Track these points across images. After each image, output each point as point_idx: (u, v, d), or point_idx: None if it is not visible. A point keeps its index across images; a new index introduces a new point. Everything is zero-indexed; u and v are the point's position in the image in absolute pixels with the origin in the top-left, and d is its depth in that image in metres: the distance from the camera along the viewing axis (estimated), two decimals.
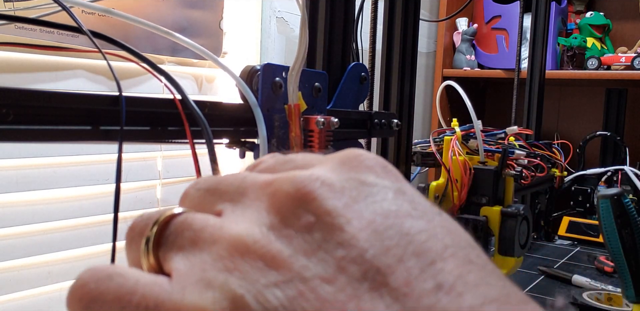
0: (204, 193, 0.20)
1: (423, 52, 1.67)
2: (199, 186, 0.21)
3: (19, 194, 0.77)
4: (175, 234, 0.18)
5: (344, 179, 0.18)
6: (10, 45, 0.48)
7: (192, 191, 0.21)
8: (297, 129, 0.39)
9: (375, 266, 0.15)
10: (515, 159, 0.75)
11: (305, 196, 0.17)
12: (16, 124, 0.27)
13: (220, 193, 0.20)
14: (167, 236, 0.18)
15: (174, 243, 0.18)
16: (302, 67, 0.39)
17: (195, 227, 0.18)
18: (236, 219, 0.18)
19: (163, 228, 0.18)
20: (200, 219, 0.18)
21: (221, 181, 0.20)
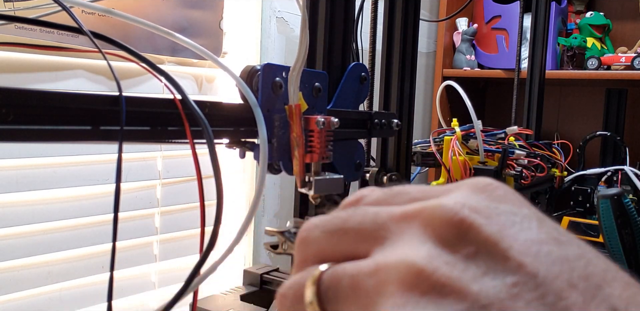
0: (331, 235, 0.19)
1: (423, 52, 1.67)
2: (320, 229, 0.20)
3: (19, 194, 0.77)
4: (335, 289, 0.18)
5: (486, 207, 0.18)
6: (10, 45, 0.48)
7: (314, 234, 0.20)
8: (298, 130, 0.39)
9: (552, 291, 0.15)
10: (515, 159, 0.75)
11: (461, 224, 0.17)
12: (16, 124, 0.27)
13: (354, 233, 0.19)
14: (326, 293, 0.18)
15: (338, 297, 0.18)
16: (303, 67, 0.39)
17: (350, 274, 0.18)
18: (391, 256, 0.17)
19: (319, 286, 0.18)
20: (350, 266, 0.18)
21: (346, 220, 0.19)
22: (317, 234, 0.20)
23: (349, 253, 0.19)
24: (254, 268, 0.91)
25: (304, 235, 0.20)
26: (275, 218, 1.17)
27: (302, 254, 0.20)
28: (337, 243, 0.19)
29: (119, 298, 0.91)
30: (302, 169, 0.39)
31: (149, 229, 0.94)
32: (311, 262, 0.20)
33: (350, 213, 0.19)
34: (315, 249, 0.20)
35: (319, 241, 0.20)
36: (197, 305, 0.55)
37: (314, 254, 0.20)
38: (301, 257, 0.20)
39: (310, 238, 0.20)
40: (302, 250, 0.20)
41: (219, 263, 0.31)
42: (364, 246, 0.18)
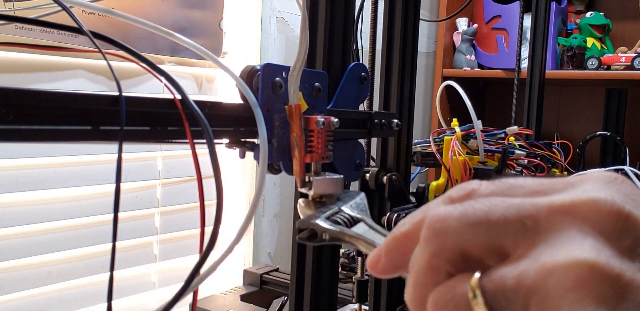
0: (474, 227, 0.19)
1: (423, 52, 1.67)
2: (459, 220, 0.19)
3: (19, 194, 0.77)
4: (504, 296, 0.18)
5: (630, 199, 0.18)
6: (10, 45, 0.48)
7: (452, 225, 0.19)
8: (298, 130, 0.39)
9: None
10: (516, 159, 0.75)
11: (619, 216, 0.17)
12: (16, 124, 0.27)
13: (500, 226, 0.18)
14: (494, 301, 0.18)
15: (511, 303, 0.17)
16: (303, 67, 0.39)
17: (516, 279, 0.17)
18: (557, 255, 0.17)
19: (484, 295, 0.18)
20: (511, 271, 0.18)
21: (489, 212, 0.18)
22: (456, 225, 0.19)
23: (495, 247, 0.18)
24: (254, 268, 0.91)
25: (438, 226, 0.19)
26: (275, 218, 1.17)
27: (437, 245, 0.19)
28: (481, 234, 0.18)
29: (119, 298, 0.91)
30: (302, 169, 0.39)
31: (149, 229, 0.94)
32: (450, 255, 0.19)
33: (489, 204, 0.19)
34: (455, 241, 0.19)
35: (460, 233, 0.19)
36: (197, 305, 0.55)
37: (454, 246, 0.19)
38: (436, 248, 0.19)
39: (448, 228, 0.19)
40: (438, 241, 0.19)
41: (219, 263, 0.31)
42: (512, 240, 0.18)
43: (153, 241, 0.95)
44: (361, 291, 0.61)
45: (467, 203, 0.19)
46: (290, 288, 0.52)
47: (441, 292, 0.19)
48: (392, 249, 0.23)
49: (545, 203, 0.18)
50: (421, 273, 0.20)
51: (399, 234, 0.23)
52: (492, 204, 0.19)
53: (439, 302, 0.19)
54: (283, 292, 0.84)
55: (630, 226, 0.17)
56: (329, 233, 0.32)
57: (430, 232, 0.20)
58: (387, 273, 0.23)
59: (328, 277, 0.52)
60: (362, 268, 0.62)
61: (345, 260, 0.81)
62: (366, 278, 0.61)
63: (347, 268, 0.82)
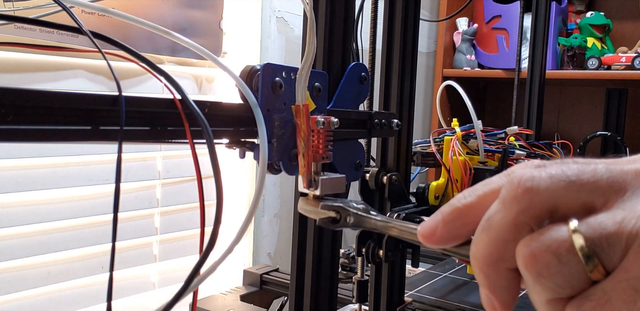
0: (567, 185, 0.20)
1: (423, 52, 1.67)
2: (552, 179, 0.20)
3: (19, 194, 0.77)
4: (607, 241, 0.19)
5: None
6: (10, 45, 0.48)
7: (545, 183, 0.20)
8: (306, 129, 0.39)
9: None
10: (516, 159, 0.75)
11: None
12: (16, 124, 0.27)
13: (591, 185, 0.20)
14: (600, 245, 0.19)
15: (616, 249, 0.19)
16: (311, 67, 0.39)
17: (613, 224, 0.19)
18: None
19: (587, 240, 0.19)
20: (605, 218, 0.19)
21: (580, 174, 0.20)
22: (549, 183, 0.20)
23: (586, 204, 0.20)
24: (254, 268, 0.91)
25: (529, 184, 0.20)
26: (275, 218, 1.17)
27: (528, 203, 0.20)
28: (574, 193, 0.20)
29: (119, 298, 0.91)
30: (310, 170, 0.39)
31: (149, 230, 0.94)
32: (540, 211, 0.20)
33: (577, 166, 0.20)
34: (547, 198, 0.20)
35: (553, 191, 0.20)
36: (197, 305, 0.55)
37: (545, 202, 0.20)
38: (526, 206, 0.21)
39: (541, 187, 0.20)
40: (530, 199, 0.20)
41: (219, 263, 0.31)
42: (602, 198, 0.20)
43: (153, 241, 0.95)
44: (361, 291, 0.61)
45: (555, 166, 0.21)
46: (290, 288, 0.52)
47: (539, 239, 0.20)
48: (452, 220, 0.24)
49: (631, 168, 0.20)
50: (504, 229, 0.21)
51: (461, 206, 0.24)
52: (582, 167, 0.20)
53: (539, 247, 0.20)
54: (283, 292, 0.84)
55: None
56: (354, 217, 0.32)
57: (521, 190, 0.21)
58: (444, 243, 0.25)
59: (328, 277, 0.52)
60: (362, 268, 0.62)
61: (345, 260, 0.81)
62: (366, 278, 0.61)
63: (347, 268, 0.82)
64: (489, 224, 0.22)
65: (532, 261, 0.20)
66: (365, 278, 0.61)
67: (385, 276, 0.62)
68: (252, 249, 1.13)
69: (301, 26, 0.50)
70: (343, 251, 0.81)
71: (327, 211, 0.34)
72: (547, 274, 0.20)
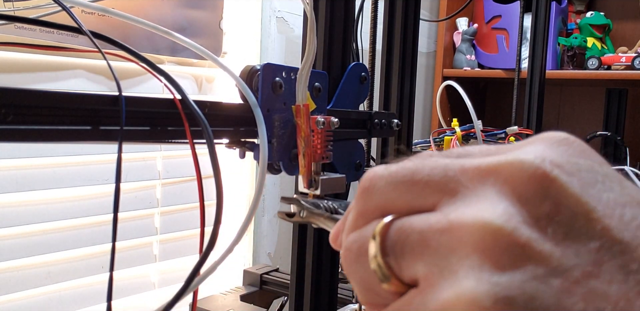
0: (397, 186, 0.18)
1: (423, 52, 1.67)
2: (385, 179, 0.18)
3: (19, 194, 0.77)
4: (402, 243, 0.17)
5: (567, 162, 0.16)
6: (10, 45, 0.48)
7: (379, 184, 0.18)
8: (307, 129, 0.39)
9: (637, 259, 0.14)
10: None
11: (542, 180, 0.15)
12: (16, 124, 0.27)
13: (422, 184, 0.17)
14: (392, 247, 0.17)
15: (404, 251, 0.17)
16: (311, 67, 0.39)
17: (419, 229, 0.17)
18: (465, 213, 0.16)
19: (383, 239, 0.17)
20: (418, 220, 0.17)
21: (415, 171, 0.18)
22: (382, 184, 0.18)
23: (416, 205, 0.18)
24: (254, 268, 0.91)
25: (366, 185, 0.19)
26: (275, 218, 1.17)
27: (363, 204, 0.19)
28: (403, 194, 0.18)
29: (119, 298, 0.91)
30: (310, 170, 0.40)
31: (149, 230, 0.94)
32: (373, 213, 0.19)
33: (418, 163, 0.18)
34: (379, 200, 0.18)
35: (384, 192, 0.18)
36: (197, 305, 0.55)
37: (377, 205, 0.18)
38: (362, 208, 0.19)
39: (374, 188, 0.19)
40: (364, 200, 0.19)
41: (218, 263, 0.31)
42: (432, 198, 0.17)
43: (153, 241, 0.95)
44: None
45: (400, 163, 0.19)
46: (290, 288, 0.52)
47: (351, 236, 0.19)
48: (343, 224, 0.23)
49: (473, 164, 0.17)
50: (346, 233, 0.20)
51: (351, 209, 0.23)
52: (421, 164, 0.18)
53: (345, 247, 0.19)
54: (283, 292, 0.84)
55: (553, 192, 0.15)
56: (307, 211, 0.32)
57: (359, 191, 0.19)
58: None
59: (328, 277, 0.52)
60: None
61: None
62: None
63: None
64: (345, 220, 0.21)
65: (342, 256, 0.19)
66: None
67: None
68: (252, 249, 1.13)
69: (301, 26, 0.50)
70: None
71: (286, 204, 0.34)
72: (348, 272, 0.18)
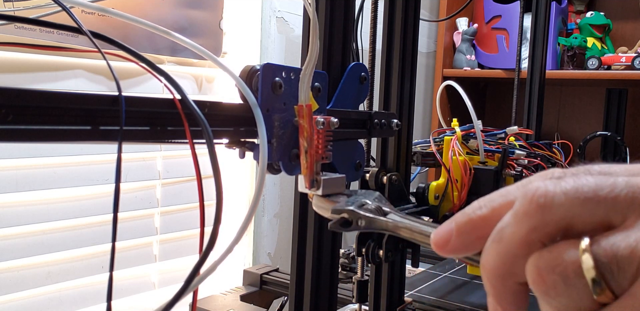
0: (583, 202, 0.19)
1: (423, 52, 1.67)
2: (568, 195, 0.19)
3: (19, 194, 0.77)
4: (619, 263, 0.18)
5: None
6: (10, 45, 0.48)
7: (559, 200, 0.19)
8: (309, 129, 0.39)
9: None
10: (516, 159, 0.75)
11: None
12: (16, 124, 0.27)
13: (610, 201, 0.19)
14: (609, 267, 0.18)
15: (627, 271, 0.18)
16: (314, 67, 0.39)
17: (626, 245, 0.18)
18: None
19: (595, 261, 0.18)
20: (625, 238, 0.18)
21: (598, 188, 0.19)
22: (564, 200, 0.19)
23: (603, 221, 0.19)
24: (254, 268, 0.91)
25: (543, 201, 0.19)
26: (275, 218, 1.17)
27: (541, 220, 0.20)
28: (590, 210, 0.19)
29: (119, 298, 0.91)
30: (312, 170, 0.39)
31: (149, 230, 0.94)
32: (552, 228, 0.19)
33: (596, 180, 0.19)
34: (560, 215, 0.19)
35: (567, 208, 0.19)
36: (197, 305, 0.55)
37: (558, 220, 0.19)
38: (539, 223, 0.20)
39: (555, 203, 0.19)
40: (543, 216, 0.19)
41: (218, 263, 0.31)
42: (620, 215, 0.18)
43: (153, 241, 0.95)
44: (361, 291, 0.61)
45: (572, 179, 0.19)
46: (290, 288, 0.52)
47: (547, 257, 0.19)
48: (466, 232, 0.23)
49: None
50: (515, 245, 0.20)
51: (476, 217, 0.23)
52: (600, 181, 0.19)
53: (546, 267, 0.19)
54: (283, 292, 0.84)
55: None
56: (365, 220, 0.32)
57: (534, 206, 0.20)
58: (457, 253, 0.24)
59: (328, 277, 0.52)
60: (362, 268, 0.62)
61: (345, 260, 0.81)
62: (366, 278, 0.61)
63: (347, 268, 0.82)
64: (500, 237, 0.21)
65: (539, 280, 0.19)
66: (365, 278, 0.61)
67: (385, 276, 0.62)
68: (252, 249, 1.13)
69: (301, 26, 0.50)
70: (343, 251, 0.81)
71: (337, 215, 0.34)
72: (554, 294, 0.19)
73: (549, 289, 0.19)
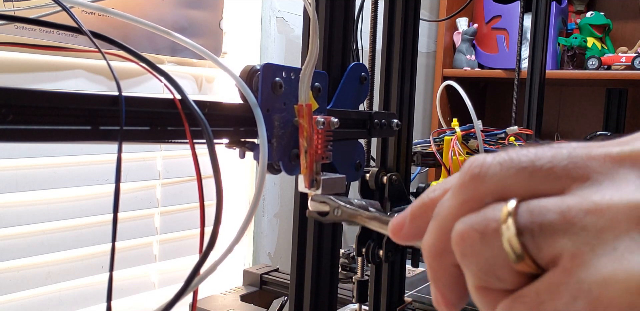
0: (518, 171, 0.18)
1: (423, 52, 1.67)
2: (502, 165, 0.18)
3: (19, 194, 0.77)
4: (539, 223, 0.17)
5: None
6: (10, 45, 0.48)
7: (493, 170, 0.18)
8: (309, 129, 0.39)
9: None
10: None
11: None
12: (16, 124, 0.27)
13: (546, 170, 0.17)
14: (530, 228, 0.17)
15: (543, 230, 0.16)
16: (314, 67, 0.39)
17: (557, 209, 0.17)
18: (610, 193, 0.16)
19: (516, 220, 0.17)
20: (552, 202, 0.17)
21: (535, 159, 0.18)
22: (497, 170, 0.18)
23: (539, 190, 0.17)
24: (254, 268, 0.91)
25: (477, 171, 0.18)
26: (275, 218, 1.17)
27: (474, 189, 0.19)
28: (523, 180, 0.18)
29: (119, 298, 0.91)
30: (312, 170, 0.39)
31: (149, 230, 0.94)
32: (486, 198, 0.18)
33: (536, 151, 0.18)
34: (495, 185, 0.18)
35: (501, 178, 0.18)
36: (197, 305, 0.55)
37: (493, 190, 0.18)
38: (473, 192, 0.19)
39: (488, 174, 0.18)
40: (476, 186, 0.18)
41: (218, 263, 0.31)
42: (559, 184, 0.17)
43: (153, 241, 0.95)
44: (361, 291, 0.61)
45: (511, 151, 0.18)
46: (290, 288, 0.52)
47: (468, 218, 0.18)
48: (419, 216, 0.22)
49: (600, 152, 0.17)
50: (449, 218, 0.19)
51: (427, 200, 0.22)
52: (540, 152, 0.18)
53: (466, 226, 0.18)
54: (283, 292, 0.84)
55: None
56: (343, 210, 0.32)
57: (468, 177, 0.19)
58: (410, 240, 0.23)
59: (328, 277, 0.52)
60: (362, 268, 0.62)
61: (345, 260, 0.81)
62: (366, 278, 0.61)
63: (347, 268, 0.82)
64: (436, 213, 0.20)
65: (458, 239, 0.18)
66: (365, 278, 0.61)
67: (385, 276, 0.62)
68: (252, 249, 1.13)
69: (301, 26, 0.50)
70: (343, 251, 0.81)
71: (317, 203, 0.34)
72: (470, 254, 0.18)
73: (465, 248, 0.18)
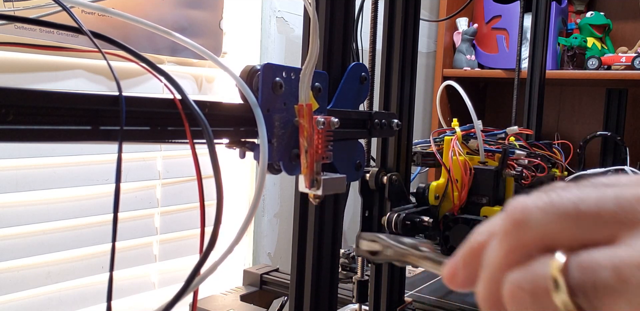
0: (562, 218, 0.17)
1: (423, 52, 1.67)
2: (545, 211, 0.17)
3: (19, 194, 0.77)
4: (593, 282, 0.16)
5: None
6: (10, 45, 0.48)
7: (536, 216, 0.17)
8: (310, 129, 0.39)
9: None
10: (516, 159, 0.75)
11: None
12: (16, 124, 0.27)
13: (593, 216, 0.16)
14: (582, 285, 0.16)
15: (598, 290, 0.16)
16: (314, 66, 0.39)
17: (610, 265, 0.15)
18: None
19: (567, 278, 0.16)
20: (603, 255, 0.16)
21: (580, 202, 0.17)
22: (541, 216, 0.17)
23: (587, 238, 0.16)
24: (254, 268, 0.91)
25: (519, 217, 0.17)
26: (275, 218, 1.17)
27: (519, 239, 0.18)
28: (569, 226, 0.17)
29: (119, 298, 0.91)
30: (312, 170, 0.39)
31: (149, 230, 0.94)
32: (532, 248, 0.17)
33: (579, 192, 0.17)
34: (539, 233, 0.17)
35: (546, 225, 0.17)
36: (197, 305, 0.55)
37: (538, 239, 0.17)
38: (516, 242, 0.18)
39: (531, 220, 0.17)
40: (520, 235, 0.18)
41: (219, 263, 0.31)
42: (607, 231, 0.16)
43: (153, 241, 0.95)
44: (361, 291, 0.61)
45: (553, 192, 0.17)
46: (290, 288, 0.52)
47: (517, 275, 0.17)
48: (469, 263, 0.21)
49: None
50: (496, 269, 0.18)
51: (476, 245, 0.21)
52: (583, 193, 0.17)
53: (515, 286, 0.17)
54: (283, 292, 0.84)
55: None
56: (395, 250, 0.31)
57: (509, 223, 0.18)
58: (468, 287, 0.21)
59: (328, 277, 0.52)
60: (362, 268, 0.62)
61: (345, 260, 0.81)
62: (366, 278, 0.61)
63: (347, 268, 0.82)
64: (485, 264, 0.19)
65: (509, 299, 0.17)
66: (365, 278, 0.61)
67: (385, 276, 0.62)
68: (252, 249, 1.13)
69: (301, 26, 0.50)
70: (343, 251, 0.81)
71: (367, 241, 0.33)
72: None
73: (518, 308, 0.17)
